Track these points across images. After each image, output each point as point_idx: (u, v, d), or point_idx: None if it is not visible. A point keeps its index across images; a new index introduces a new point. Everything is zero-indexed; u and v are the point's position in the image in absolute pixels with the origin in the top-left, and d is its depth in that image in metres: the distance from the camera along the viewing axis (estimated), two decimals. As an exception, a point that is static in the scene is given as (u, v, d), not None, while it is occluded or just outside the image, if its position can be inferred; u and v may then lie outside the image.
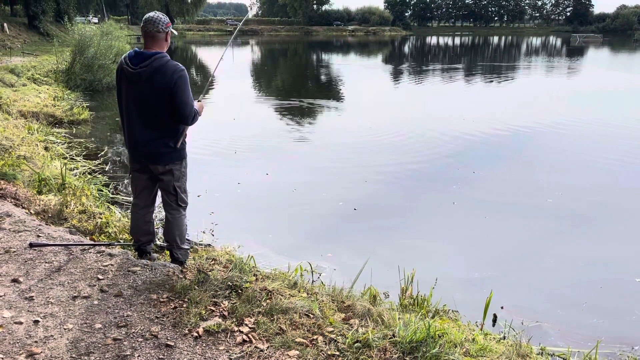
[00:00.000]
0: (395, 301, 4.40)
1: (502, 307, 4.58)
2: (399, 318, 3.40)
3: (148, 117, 3.67)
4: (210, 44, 56.77)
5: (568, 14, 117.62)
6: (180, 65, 3.63)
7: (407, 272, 4.51)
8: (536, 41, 74.79)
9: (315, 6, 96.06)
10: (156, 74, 3.54)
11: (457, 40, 74.79)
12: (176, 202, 4.03)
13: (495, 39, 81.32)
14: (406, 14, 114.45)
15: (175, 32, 3.95)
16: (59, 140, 9.78)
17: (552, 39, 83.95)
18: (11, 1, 37.67)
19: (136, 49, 3.70)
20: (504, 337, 3.96)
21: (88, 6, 49.37)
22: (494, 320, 4.44)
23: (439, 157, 9.74)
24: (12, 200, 5.13)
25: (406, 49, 57.00)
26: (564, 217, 6.85)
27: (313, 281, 4.80)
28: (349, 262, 5.29)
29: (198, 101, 3.93)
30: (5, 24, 30.54)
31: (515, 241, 6.15)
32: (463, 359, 3.01)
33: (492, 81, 24.06)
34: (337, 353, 2.96)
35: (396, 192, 7.88)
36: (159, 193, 4.15)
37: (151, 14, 3.69)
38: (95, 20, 44.13)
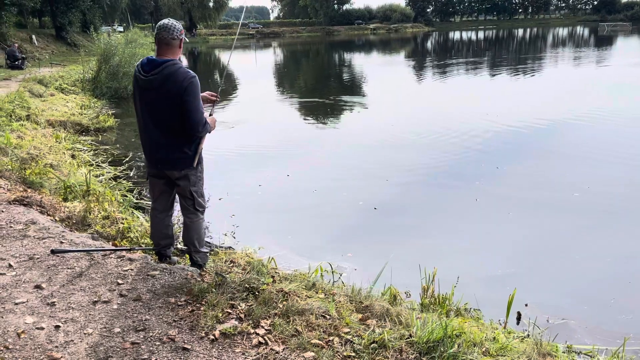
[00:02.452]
0: (416, 300, 4.34)
1: (526, 305, 4.48)
2: (417, 318, 3.35)
3: (161, 123, 3.70)
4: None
5: (595, 2, 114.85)
6: (192, 72, 3.64)
7: (428, 271, 4.44)
8: (563, 32, 73.19)
9: (336, 6, 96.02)
10: (167, 81, 3.56)
11: (481, 35, 73.70)
12: (193, 207, 4.05)
13: (520, 31, 79.80)
14: (428, 10, 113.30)
15: (187, 39, 3.97)
16: (85, 148, 10.00)
17: (579, 29, 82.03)
18: (39, 13, 38.69)
19: (149, 56, 3.73)
20: (528, 335, 3.87)
21: (113, 15, 50.40)
22: (518, 319, 4.35)
23: (461, 153, 9.60)
24: (38, 208, 5.26)
25: (429, 44, 56.47)
26: (590, 212, 6.67)
27: (334, 282, 4.78)
28: (370, 262, 5.25)
29: (210, 115, 3.92)
30: (33, 36, 31.45)
31: (539, 237, 6.01)
32: (482, 358, 2.95)
33: (517, 74, 23.61)
34: (353, 354, 2.94)
35: (417, 190, 7.80)
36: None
37: (165, 21, 3.71)
38: (121, 28, 44.99)
